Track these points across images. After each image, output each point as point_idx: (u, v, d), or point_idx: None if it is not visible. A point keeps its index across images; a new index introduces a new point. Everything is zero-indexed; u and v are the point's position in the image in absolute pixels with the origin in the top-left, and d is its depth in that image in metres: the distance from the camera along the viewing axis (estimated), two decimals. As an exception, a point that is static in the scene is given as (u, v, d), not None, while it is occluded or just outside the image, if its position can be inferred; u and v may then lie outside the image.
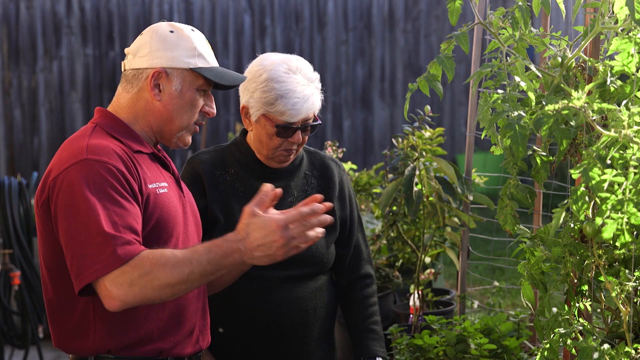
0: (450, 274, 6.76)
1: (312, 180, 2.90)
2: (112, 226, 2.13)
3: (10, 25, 9.16)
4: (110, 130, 2.32)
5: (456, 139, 9.92)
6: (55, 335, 2.30)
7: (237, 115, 9.49)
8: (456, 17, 2.36)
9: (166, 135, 2.39)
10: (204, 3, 9.51)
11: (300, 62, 2.77)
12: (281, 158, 2.80)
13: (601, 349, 2.07)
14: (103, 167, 2.18)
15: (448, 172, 3.65)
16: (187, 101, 2.36)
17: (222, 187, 2.81)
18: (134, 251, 2.12)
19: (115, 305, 2.12)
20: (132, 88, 2.36)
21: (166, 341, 2.30)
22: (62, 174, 2.20)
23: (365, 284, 2.95)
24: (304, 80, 2.74)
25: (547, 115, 2.06)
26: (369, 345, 2.87)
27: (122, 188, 2.18)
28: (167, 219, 2.29)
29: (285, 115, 2.71)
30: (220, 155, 2.86)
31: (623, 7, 2.16)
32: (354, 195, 2.98)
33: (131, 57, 2.37)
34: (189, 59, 2.34)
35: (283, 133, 2.74)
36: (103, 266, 2.11)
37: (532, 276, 2.38)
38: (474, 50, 3.67)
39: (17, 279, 5.41)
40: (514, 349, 3.13)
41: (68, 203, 2.17)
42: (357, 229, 2.96)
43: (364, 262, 2.96)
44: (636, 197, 1.88)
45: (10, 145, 9.23)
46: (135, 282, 2.10)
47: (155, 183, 2.30)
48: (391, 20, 9.88)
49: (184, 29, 2.37)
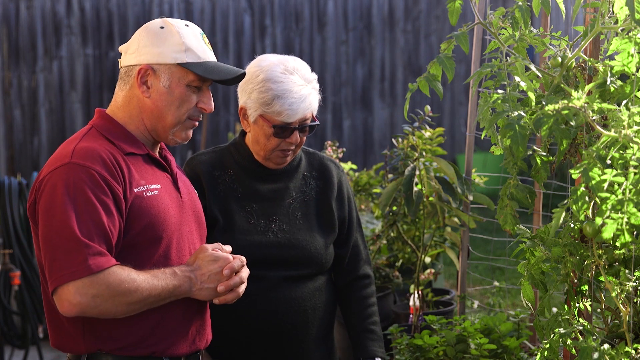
0: (450, 274, 6.76)
1: (311, 181, 2.90)
2: (87, 233, 2.15)
3: (10, 25, 9.16)
4: (105, 132, 2.33)
5: (456, 139, 9.92)
6: (52, 335, 2.32)
7: (237, 115, 9.47)
8: (456, 17, 2.36)
9: (161, 133, 2.38)
10: (204, 3, 9.50)
11: (297, 62, 2.78)
12: (278, 159, 2.81)
13: (601, 349, 2.07)
14: (85, 172, 2.19)
15: (448, 172, 3.66)
16: (177, 97, 2.35)
17: (221, 187, 2.81)
18: (105, 264, 2.15)
19: (72, 312, 2.16)
20: (125, 86, 2.37)
21: (161, 341, 2.30)
22: (47, 176, 2.22)
23: (363, 284, 2.95)
24: (301, 81, 2.74)
25: (547, 115, 2.06)
26: (368, 345, 2.88)
27: (102, 194, 2.19)
28: (156, 223, 2.29)
29: (282, 115, 2.71)
30: (219, 156, 2.87)
31: (623, 7, 2.16)
32: (352, 195, 2.99)
33: (123, 54, 2.38)
34: (176, 54, 2.32)
35: (280, 133, 2.74)
36: (71, 272, 2.13)
37: (532, 276, 2.38)
38: (474, 50, 3.67)
39: (17, 279, 5.41)
40: (514, 349, 3.13)
41: (47, 205, 2.19)
42: (355, 229, 2.96)
43: (362, 263, 2.96)
44: (636, 197, 1.88)
45: (10, 145, 9.23)
46: (99, 295, 2.14)
47: (144, 186, 2.30)
48: (391, 20, 9.87)
49: (175, 25, 2.35)
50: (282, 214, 2.82)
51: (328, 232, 2.86)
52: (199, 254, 2.33)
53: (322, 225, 2.86)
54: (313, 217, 2.85)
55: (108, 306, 2.16)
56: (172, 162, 2.45)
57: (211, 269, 2.30)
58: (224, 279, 2.31)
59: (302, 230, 2.82)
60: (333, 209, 2.88)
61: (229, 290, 2.33)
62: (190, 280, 2.28)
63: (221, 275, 2.31)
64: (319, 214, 2.87)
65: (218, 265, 2.31)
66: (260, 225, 2.79)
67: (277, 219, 2.81)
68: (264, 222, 2.80)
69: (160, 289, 2.22)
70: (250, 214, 2.80)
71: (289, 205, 2.83)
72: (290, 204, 2.83)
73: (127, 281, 2.17)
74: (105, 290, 2.14)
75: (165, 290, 2.24)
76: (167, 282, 2.24)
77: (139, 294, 2.19)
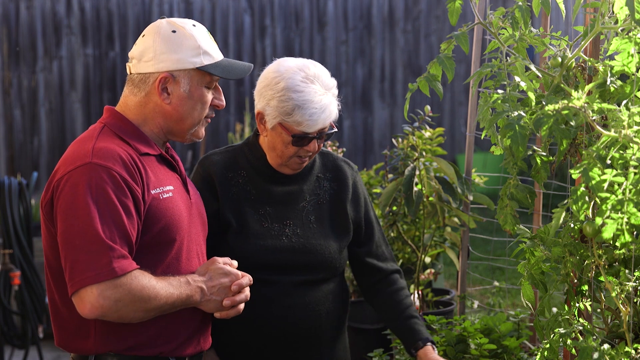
0: (450, 274, 6.76)
1: (325, 183, 2.86)
2: (110, 235, 2.14)
3: (10, 25, 9.16)
4: (118, 131, 2.31)
5: (456, 139, 9.92)
6: (57, 334, 2.31)
7: (237, 115, 9.49)
8: (456, 17, 2.36)
9: (178, 134, 2.38)
10: (204, 3, 9.51)
11: (318, 68, 2.73)
12: (295, 166, 2.78)
13: (601, 349, 2.07)
14: (107, 172, 2.18)
15: (448, 172, 3.65)
16: (197, 99, 2.35)
17: (234, 190, 2.77)
18: (128, 267, 2.15)
19: (93, 315, 2.15)
20: (139, 92, 2.34)
21: (167, 343, 2.30)
22: (66, 175, 2.20)
23: (393, 279, 2.92)
24: (322, 90, 2.69)
25: (547, 115, 2.06)
26: (420, 330, 2.82)
27: (123, 196, 2.18)
28: (171, 225, 2.29)
29: (303, 125, 2.67)
30: (232, 156, 2.82)
31: (623, 7, 2.16)
32: (367, 195, 2.95)
33: (136, 61, 2.34)
34: (194, 59, 2.32)
35: (299, 142, 2.70)
36: (95, 274, 2.11)
37: (532, 276, 2.38)
38: (474, 50, 3.66)
39: (17, 279, 5.41)
40: (514, 349, 3.12)
41: (68, 205, 2.17)
42: (376, 228, 2.93)
43: (388, 260, 2.94)
44: (636, 197, 1.88)
45: (10, 145, 9.23)
46: (121, 300, 2.14)
47: (160, 188, 2.30)
48: (391, 20, 9.87)
49: (186, 27, 2.34)
50: (295, 218, 2.78)
51: (342, 236, 2.83)
52: (210, 266, 2.34)
53: (335, 229, 2.83)
54: (327, 220, 2.82)
55: (128, 311, 2.16)
56: (180, 162, 2.46)
57: (222, 282, 2.32)
58: (231, 294, 2.33)
59: (316, 234, 2.78)
60: (347, 211, 2.85)
61: (232, 305, 2.35)
62: (201, 291, 2.29)
63: (229, 290, 2.33)
64: (333, 217, 2.83)
65: (229, 279, 2.33)
66: (274, 229, 2.75)
67: (291, 223, 2.77)
68: (278, 226, 2.76)
69: (175, 297, 2.23)
70: (264, 217, 2.76)
71: (302, 208, 2.80)
72: (303, 208, 2.80)
73: (148, 287, 2.17)
74: (127, 295, 2.14)
75: (179, 300, 2.25)
76: (182, 291, 2.25)
77: (157, 301, 2.19)
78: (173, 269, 2.29)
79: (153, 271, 2.24)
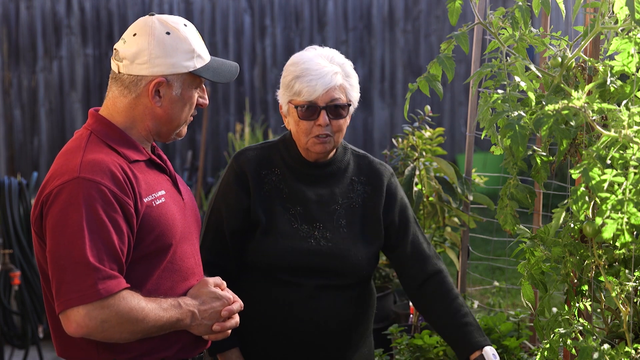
0: (451, 274, 6.72)
1: (358, 187, 2.78)
2: (97, 255, 2.11)
3: (10, 25, 9.16)
4: (105, 138, 2.27)
5: (456, 139, 9.92)
6: (58, 345, 2.29)
7: (237, 115, 9.49)
8: (456, 17, 2.36)
9: (164, 134, 2.36)
10: (204, 3, 9.51)
11: (333, 52, 2.70)
12: (316, 147, 2.69)
13: (601, 349, 2.07)
14: (95, 188, 2.15)
15: (448, 172, 3.66)
16: (187, 101, 2.34)
17: (267, 187, 2.72)
18: (115, 288, 2.12)
19: (78, 333, 2.13)
20: (129, 93, 2.30)
21: (171, 346, 2.30)
22: (54, 190, 2.16)
23: (439, 279, 2.78)
24: (325, 62, 2.66)
25: (547, 115, 2.06)
26: (471, 339, 2.65)
27: (112, 211, 2.15)
28: (166, 231, 2.27)
29: (303, 94, 2.63)
30: (267, 153, 2.77)
31: (623, 7, 2.16)
32: (404, 196, 2.84)
33: (128, 62, 2.28)
34: (187, 62, 2.30)
35: (306, 114, 2.65)
36: (79, 296, 2.10)
37: (532, 276, 2.38)
38: (474, 50, 3.67)
39: (17, 279, 5.41)
40: (514, 349, 3.13)
41: (55, 223, 2.14)
42: (411, 229, 2.80)
43: (430, 259, 2.79)
44: (636, 197, 1.88)
45: (10, 145, 9.23)
46: (107, 321, 2.12)
47: (152, 195, 2.27)
48: (391, 20, 9.87)
49: (179, 28, 2.31)
50: (326, 221, 2.71)
51: (372, 241, 2.75)
52: (202, 288, 2.32)
53: (366, 234, 2.75)
54: (358, 225, 2.74)
55: (114, 332, 2.14)
56: (168, 161, 2.44)
57: (214, 307, 2.30)
58: (221, 319, 2.32)
59: (346, 240, 2.71)
60: (380, 216, 2.76)
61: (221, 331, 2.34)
62: (192, 315, 2.27)
63: (219, 315, 2.31)
64: (364, 222, 2.75)
65: (220, 303, 2.31)
66: (303, 230, 2.69)
67: (321, 226, 2.71)
68: (307, 228, 2.70)
69: (164, 320, 2.21)
70: (294, 216, 2.70)
71: (333, 211, 2.73)
72: (335, 210, 2.73)
73: (137, 309, 2.15)
74: (114, 317, 2.12)
75: (168, 323, 2.23)
76: (172, 315, 2.23)
77: (145, 324, 2.17)
78: (169, 272, 2.28)
79: (150, 277, 2.23)
